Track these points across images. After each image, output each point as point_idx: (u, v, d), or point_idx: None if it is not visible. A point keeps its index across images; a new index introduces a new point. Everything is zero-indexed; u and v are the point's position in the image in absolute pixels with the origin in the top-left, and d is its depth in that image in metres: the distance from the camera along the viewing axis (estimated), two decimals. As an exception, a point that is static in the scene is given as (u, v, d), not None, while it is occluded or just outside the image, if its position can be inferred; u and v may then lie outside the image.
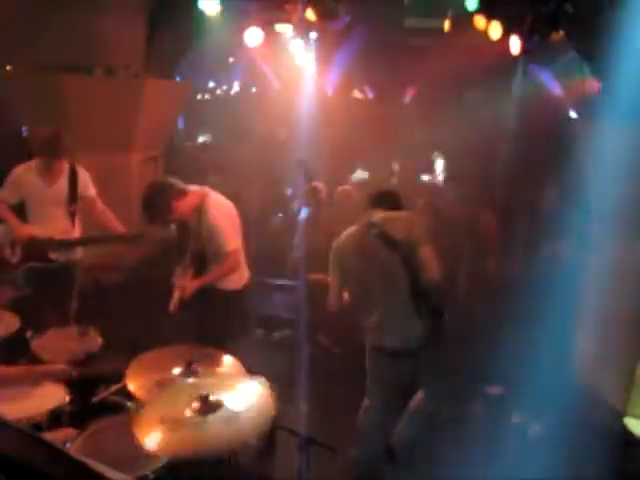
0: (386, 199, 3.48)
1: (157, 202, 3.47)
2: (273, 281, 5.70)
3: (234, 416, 2.15)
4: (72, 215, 4.27)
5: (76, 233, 4.35)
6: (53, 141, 4.08)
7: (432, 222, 4.17)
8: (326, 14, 5.67)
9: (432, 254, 3.21)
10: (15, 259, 4.16)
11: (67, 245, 4.26)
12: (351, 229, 3.40)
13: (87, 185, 4.34)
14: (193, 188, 3.64)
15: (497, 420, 4.33)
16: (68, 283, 4.41)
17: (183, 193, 3.54)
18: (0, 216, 4.17)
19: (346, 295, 3.43)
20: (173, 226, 4.07)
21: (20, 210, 4.27)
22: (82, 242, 4.41)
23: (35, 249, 4.15)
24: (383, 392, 3.48)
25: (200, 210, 3.57)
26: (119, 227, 4.40)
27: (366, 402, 3.61)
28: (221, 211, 3.60)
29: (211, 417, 2.13)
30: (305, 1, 5.70)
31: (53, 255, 4.21)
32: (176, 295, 3.60)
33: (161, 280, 6.35)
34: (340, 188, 5.89)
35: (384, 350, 3.34)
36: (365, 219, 3.39)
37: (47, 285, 4.27)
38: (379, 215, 3.37)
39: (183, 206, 3.53)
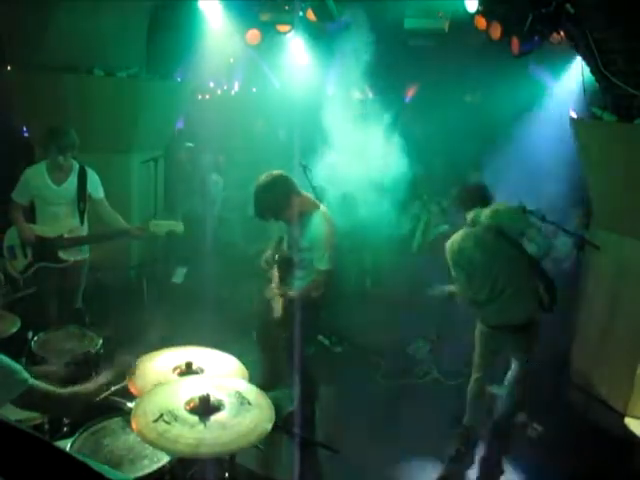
0: (481, 197, 3.79)
1: (276, 192, 3.42)
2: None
3: (234, 416, 2.15)
4: (81, 214, 4.30)
5: (85, 232, 4.37)
6: (61, 139, 4.12)
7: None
8: (326, 15, 5.66)
9: (536, 232, 3.85)
10: (27, 261, 4.17)
11: (76, 243, 4.28)
12: (464, 231, 3.71)
13: (97, 187, 4.37)
14: (306, 194, 3.63)
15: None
16: (75, 283, 4.43)
17: (298, 193, 3.52)
18: (11, 218, 4.19)
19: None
20: (180, 224, 4.16)
21: (31, 209, 4.29)
22: (90, 240, 4.43)
23: (45, 249, 4.16)
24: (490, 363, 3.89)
25: (307, 218, 3.49)
26: (125, 228, 4.43)
27: (475, 375, 3.91)
28: (329, 229, 3.52)
29: (212, 417, 2.13)
30: (305, 1, 5.70)
31: (63, 255, 4.22)
32: (280, 301, 3.58)
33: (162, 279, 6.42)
34: None
35: (509, 327, 3.69)
36: (474, 221, 3.71)
37: (55, 285, 4.29)
38: (485, 213, 3.67)
39: (294, 205, 3.47)
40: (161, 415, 2.09)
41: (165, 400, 2.21)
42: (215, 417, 2.13)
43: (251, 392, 2.32)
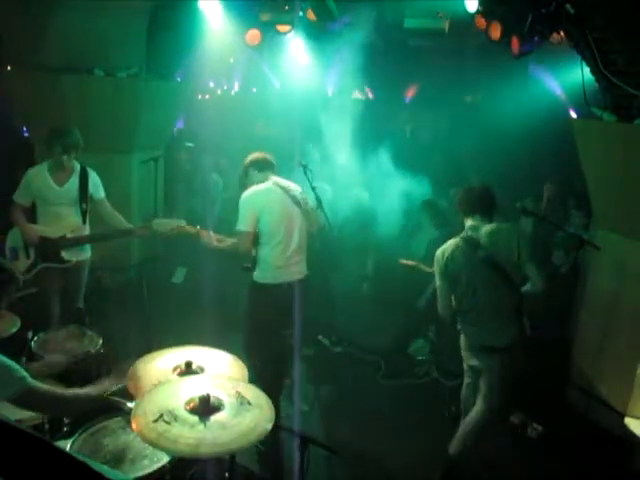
0: (483, 203, 3.55)
1: (243, 166, 4.09)
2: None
3: (234, 416, 2.15)
4: (84, 214, 4.30)
5: (87, 232, 4.37)
6: (66, 138, 4.14)
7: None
8: (326, 14, 5.66)
9: (536, 269, 3.44)
10: (29, 261, 4.17)
11: (79, 243, 4.29)
12: (457, 241, 3.50)
13: (98, 187, 4.38)
14: (273, 176, 4.01)
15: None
16: (77, 283, 4.43)
17: (260, 169, 3.99)
18: (12, 219, 4.18)
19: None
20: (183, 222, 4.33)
21: (32, 209, 4.28)
22: (93, 239, 4.43)
23: (48, 250, 4.16)
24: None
25: None
26: (128, 227, 4.45)
27: (466, 381, 3.80)
28: (252, 194, 3.89)
29: (212, 417, 2.13)
30: (305, 1, 5.70)
31: (66, 255, 4.22)
32: (189, 228, 4.16)
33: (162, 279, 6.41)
34: None
35: (479, 347, 3.55)
36: (469, 232, 3.51)
37: (57, 285, 4.29)
38: (483, 230, 3.46)
39: (252, 179, 4.01)
40: (161, 415, 2.09)
41: (165, 400, 2.21)
42: (215, 417, 2.13)
43: (251, 392, 2.32)
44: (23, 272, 4.16)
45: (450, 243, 3.55)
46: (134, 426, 2.08)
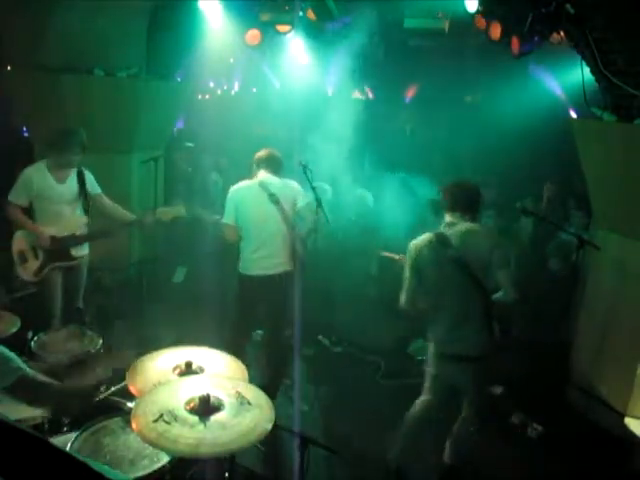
0: (466, 201, 3.38)
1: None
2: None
3: (234, 416, 2.15)
4: (86, 210, 4.32)
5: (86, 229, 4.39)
6: (81, 138, 4.17)
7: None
8: (326, 14, 5.66)
9: (508, 278, 3.26)
10: (38, 262, 4.16)
11: (88, 239, 4.34)
12: (430, 237, 3.36)
13: (93, 183, 4.42)
14: (268, 174, 4.18)
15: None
16: (77, 283, 4.44)
17: (257, 165, 4.23)
18: (16, 222, 4.17)
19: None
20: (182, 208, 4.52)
21: (28, 209, 4.27)
22: (100, 235, 4.44)
23: (58, 249, 4.16)
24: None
25: None
26: (131, 218, 4.49)
27: (424, 398, 3.67)
28: (234, 189, 4.15)
29: (212, 417, 2.13)
30: (305, 1, 5.70)
31: (74, 252, 4.25)
32: (210, 217, 4.54)
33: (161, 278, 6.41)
34: None
35: (449, 356, 3.42)
36: (444, 228, 3.38)
37: (62, 283, 4.30)
38: (457, 229, 3.32)
39: (253, 174, 4.26)
40: (161, 415, 2.09)
41: (165, 400, 2.21)
42: (215, 417, 2.13)
43: (251, 392, 2.32)
44: (34, 274, 4.15)
45: (424, 237, 3.39)
46: (134, 426, 2.08)
